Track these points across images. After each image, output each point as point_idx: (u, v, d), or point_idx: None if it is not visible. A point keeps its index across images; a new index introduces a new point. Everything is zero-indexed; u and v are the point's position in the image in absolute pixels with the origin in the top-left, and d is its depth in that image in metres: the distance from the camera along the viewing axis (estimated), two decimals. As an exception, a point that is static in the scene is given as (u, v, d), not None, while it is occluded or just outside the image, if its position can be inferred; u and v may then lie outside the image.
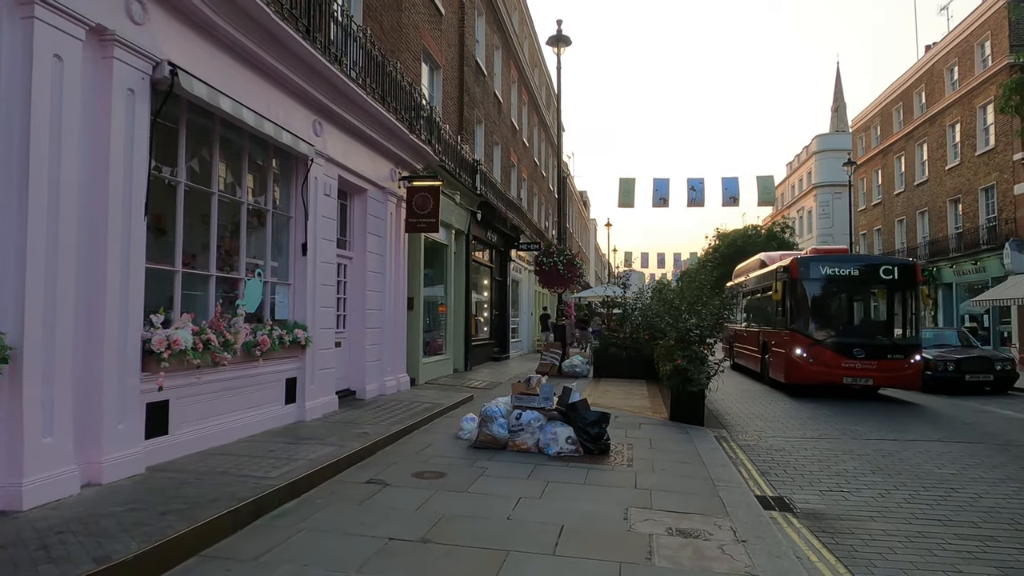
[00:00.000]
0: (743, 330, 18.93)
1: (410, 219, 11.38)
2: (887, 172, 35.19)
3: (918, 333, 13.75)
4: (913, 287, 13.71)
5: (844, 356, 12.97)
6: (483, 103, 18.92)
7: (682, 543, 4.44)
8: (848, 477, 6.83)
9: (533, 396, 7.58)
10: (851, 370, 12.93)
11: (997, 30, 24.98)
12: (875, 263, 14.22)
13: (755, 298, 17.76)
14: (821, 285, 13.79)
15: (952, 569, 4.32)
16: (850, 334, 13.63)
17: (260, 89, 7.09)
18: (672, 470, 6.56)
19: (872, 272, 13.90)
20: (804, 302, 13.72)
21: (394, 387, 11.03)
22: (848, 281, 13.89)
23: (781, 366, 13.96)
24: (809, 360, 13.20)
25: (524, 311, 25.96)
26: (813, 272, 13.70)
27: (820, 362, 13.09)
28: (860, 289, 14.38)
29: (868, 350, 13.01)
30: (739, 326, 19.53)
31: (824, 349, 13.14)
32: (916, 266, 14.02)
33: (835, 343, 13.20)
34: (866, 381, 12.92)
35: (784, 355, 13.80)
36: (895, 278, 13.65)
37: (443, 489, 5.65)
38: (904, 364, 13.06)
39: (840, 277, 13.73)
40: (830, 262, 13.84)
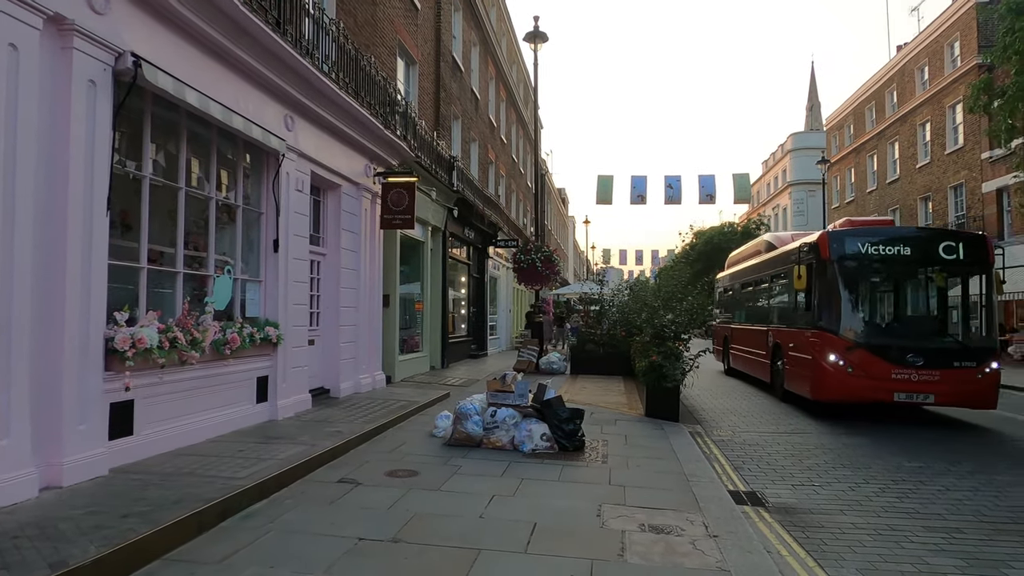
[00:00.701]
0: (743, 328, 15.80)
1: (385, 215, 11.27)
2: (860, 170, 35.73)
3: (992, 331, 10.32)
4: (984, 268, 10.27)
5: (896, 364, 9.50)
6: (460, 99, 18.82)
7: (654, 539, 4.43)
8: (820, 471, 6.89)
9: (508, 393, 7.55)
10: (905, 383, 9.44)
11: (966, 31, 25.45)
12: (933, 236, 10.65)
13: (760, 289, 14.59)
14: (861, 267, 10.36)
15: (919, 561, 4.37)
16: (903, 334, 10.36)
17: (229, 82, 6.94)
18: (646, 466, 6.56)
19: (929, 248, 10.29)
20: (838, 291, 10.16)
21: (369, 385, 10.92)
22: (898, 262, 10.30)
23: (805, 377, 10.55)
24: (847, 369, 9.70)
25: (502, 308, 25.93)
26: (850, 250, 10.21)
27: (863, 372, 9.60)
28: (913, 272, 10.82)
29: (928, 356, 9.53)
30: (737, 324, 16.58)
31: (868, 354, 9.66)
32: (987, 240, 10.55)
33: (883, 346, 9.76)
34: (925, 398, 9.47)
35: (810, 363, 10.34)
36: (960, 256, 10.15)
37: (416, 488, 5.59)
38: (976, 374, 9.60)
39: (887, 257, 10.20)
40: (873, 237, 10.33)
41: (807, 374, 10.47)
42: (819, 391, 10.12)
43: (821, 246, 10.49)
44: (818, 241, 10.65)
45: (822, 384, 10.04)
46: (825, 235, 10.62)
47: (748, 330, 15.10)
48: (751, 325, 14.89)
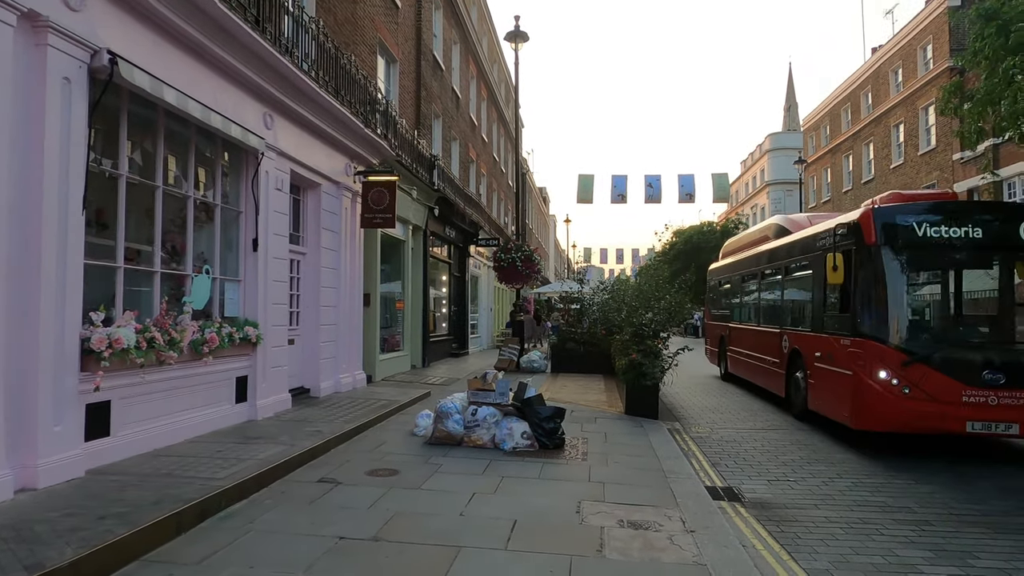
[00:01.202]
0: (746, 329, 13.49)
1: (366, 214, 11.24)
2: (836, 170, 36.26)
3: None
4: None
5: (969, 384, 7.20)
6: (441, 98, 18.80)
7: (633, 535, 4.50)
8: (795, 467, 7.02)
9: (489, 392, 7.58)
10: (982, 409, 7.16)
11: (938, 34, 25.94)
12: (1009, 213, 8.05)
13: (770, 282, 12.18)
14: (919, 254, 7.92)
15: (889, 553, 4.49)
16: (976, 343, 8.03)
17: (207, 80, 6.89)
18: (625, 463, 6.64)
19: (1005, 229, 7.78)
20: (888, 286, 7.69)
21: (350, 384, 10.89)
22: (967, 247, 7.80)
23: (841, 398, 8.10)
24: (903, 390, 7.35)
25: (483, 307, 25.95)
26: (904, 231, 7.76)
27: (925, 395, 7.28)
28: (987, 260, 8.21)
29: (1011, 371, 7.23)
30: (737, 323, 14.37)
31: (931, 370, 7.32)
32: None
33: (951, 360, 7.37)
34: (1007, 428, 7.17)
35: (849, 380, 7.87)
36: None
37: (396, 487, 5.61)
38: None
39: (954, 241, 7.71)
40: (934, 214, 7.82)
41: (844, 395, 8.01)
42: (864, 418, 7.61)
43: (865, 227, 7.92)
44: (860, 221, 8.03)
45: (868, 409, 7.54)
46: (870, 213, 7.96)
47: (753, 331, 12.72)
48: (757, 325, 12.54)
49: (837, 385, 8.30)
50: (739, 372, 13.98)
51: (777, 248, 11.79)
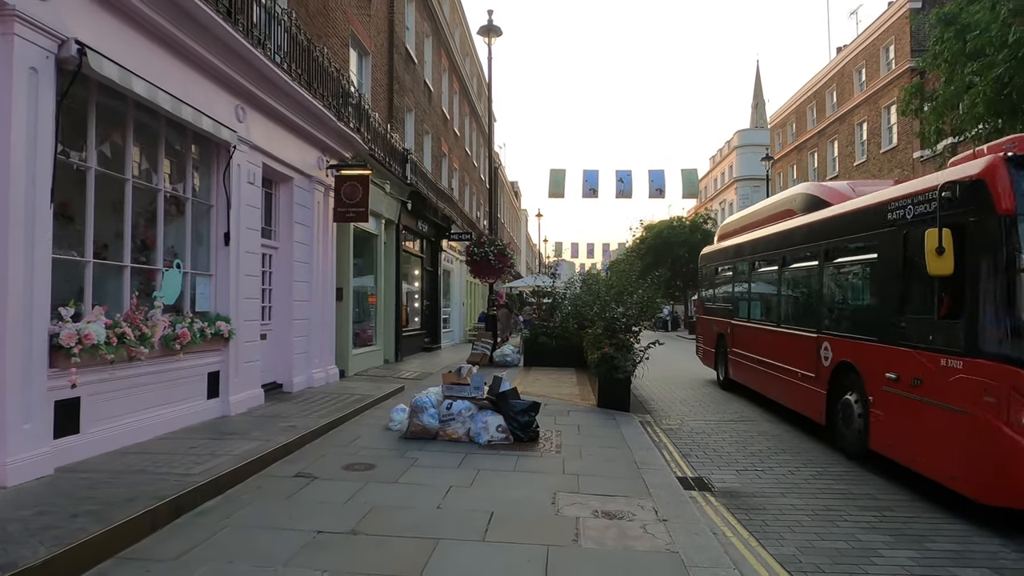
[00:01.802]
0: (761, 329, 10.66)
1: (339, 208, 11.17)
2: (802, 167, 37.00)
3: None
4: None
5: None
6: (413, 91, 18.71)
7: (607, 524, 4.60)
8: (762, 457, 7.22)
9: (464, 386, 7.63)
10: None
11: (900, 35, 26.62)
12: None
13: (798, 269, 9.39)
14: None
15: (852, 538, 4.67)
16: None
17: (178, 72, 6.78)
18: (599, 455, 6.76)
19: None
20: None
21: (323, 379, 10.84)
22: None
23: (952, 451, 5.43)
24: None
25: (455, 301, 25.94)
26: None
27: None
28: None
29: None
30: (745, 320, 11.64)
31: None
32: None
33: None
34: None
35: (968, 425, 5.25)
36: None
37: (373, 481, 5.63)
38: None
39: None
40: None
41: (952, 445, 5.41)
42: (999, 487, 4.94)
43: (994, 186, 5.27)
44: (985, 176, 5.35)
45: (1006, 474, 4.85)
46: (1002, 164, 5.29)
47: (771, 333, 9.98)
48: (777, 325, 9.84)
49: (934, 427, 5.64)
50: (746, 380, 11.35)
51: (812, 225, 8.74)
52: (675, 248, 43.32)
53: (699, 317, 15.44)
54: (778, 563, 4.21)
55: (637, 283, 14.35)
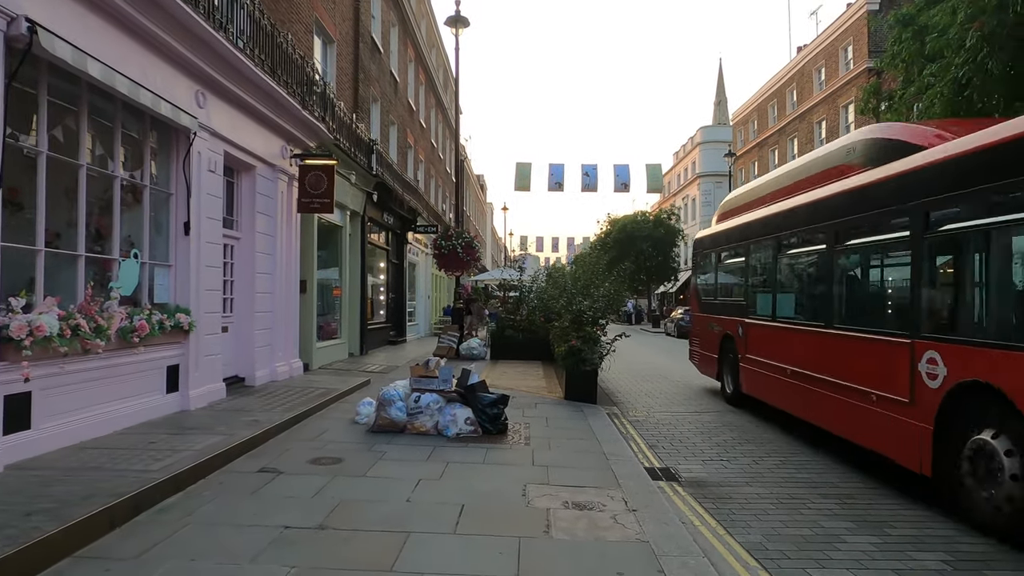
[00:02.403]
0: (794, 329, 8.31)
1: (303, 199, 10.95)
2: (763, 163, 37.72)
3: None
4: None
5: None
6: (379, 81, 18.45)
7: (578, 515, 4.62)
8: (727, 447, 7.34)
9: (432, 379, 7.56)
10: None
11: (858, 36, 27.30)
12: None
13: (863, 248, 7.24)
14: None
15: (815, 525, 4.78)
16: None
17: (136, 55, 6.54)
18: (567, 446, 6.78)
19: None
20: None
21: (286, 373, 10.64)
22: None
23: None
24: None
25: (421, 294, 25.76)
26: None
27: None
28: None
29: None
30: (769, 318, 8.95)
31: None
32: None
33: None
34: None
35: None
36: None
37: (340, 475, 5.55)
38: None
39: None
40: None
41: None
42: None
43: None
44: None
45: None
46: None
47: (820, 336, 7.43)
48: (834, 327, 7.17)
49: None
50: (769, 396, 8.73)
51: (902, 179, 6.05)
52: (639, 242, 43.80)
53: (694, 315, 12.51)
54: (746, 551, 4.27)
55: (604, 276, 14.45)
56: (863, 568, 4.01)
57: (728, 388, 10.25)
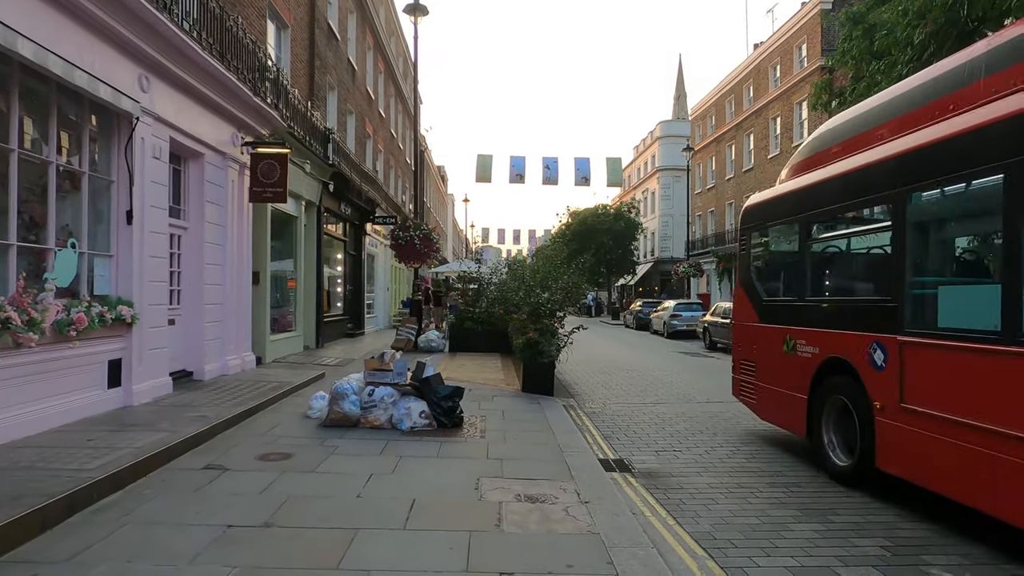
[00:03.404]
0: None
1: (255, 188, 10.66)
2: (720, 159, 38.36)
3: None
4: None
5: None
6: (336, 68, 18.08)
7: (530, 508, 4.60)
8: (680, 437, 7.43)
9: (386, 372, 7.46)
10: None
11: (812, 35, 27.89)
12: None
13: None
14: None
15: (763, 514, 4.86)
16: None
17: (72, 34, 6.23)
18: (522, 439, 6.76)
19: None
20: None
21: (238, 366, 10.37)
22: None
23: None
24: None
25: (380, 286, 25.46)
26: None
27: None
28: None
29: None
30: (967, 333, 4.42)
31: None
32: None
33: None
34: None
35: None
36: None
37: (290, 471, 5.42)
38: None
39: None
40: None
41: None
42: None
43: None
44: None
45: None
46: None
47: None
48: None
49: None
50: (969, 490, 4.36)
51: None
52: (599, 235, 44.16)
53: (743, 325, 7.92)
54: (694, 540, 4.32)
55: (562, 269, 14.48)
56: (806, 555, 4.10)
57: (837, 455, 5.89)
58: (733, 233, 35.16)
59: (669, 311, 25.86)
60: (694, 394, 10.55)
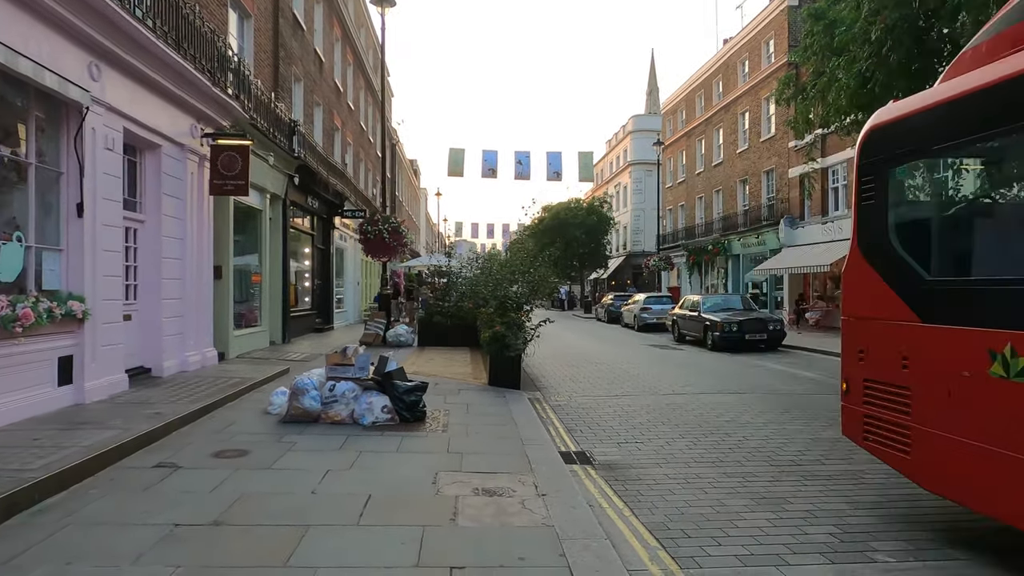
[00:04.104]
0: None
1: (215, 180, 10.44)
2: (690, 153, 38.68)
3: None
4: None
5: None
6: (302, 60, 17.79)
7: (486, 502, 4.58)
8: (642, 429, 7.48)
9: (348, 366, 7.38)
10: None
11: (779, 31, 28.21)
12: None
13: None
14: None
15: (718, 504, 4.90)
16: None
17: (16, 21, 6.02)
18: (485, 432, 6.75)
19: None
20: None
21: (198, 363, 10.18)
22: None
23: None
24: None
25: (349, 281, 25.20)
26: None
27: None
28: None
29: None
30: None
31: None
32: None
33: None
34: None
35: None
36: None
37: (244, 468, 5.33)
38: None
39: None
40: None
41: None
42: None
43: None
44: None
45: None
46: None
47: None
48: None
49: None
50: None
51: None
52: (571, 229, 44.26)
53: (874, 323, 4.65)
54: (648, 530, 4.34)
55: (529, 261, 14.45)
56: (756, 543, 4.14)
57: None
58: (704, 227, 35.54)
59: (639, 304, 26.03)
60: (660, 387, 10.63)
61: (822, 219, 24.39)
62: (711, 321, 17.04)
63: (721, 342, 16.42)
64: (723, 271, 33.39)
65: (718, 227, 33.33)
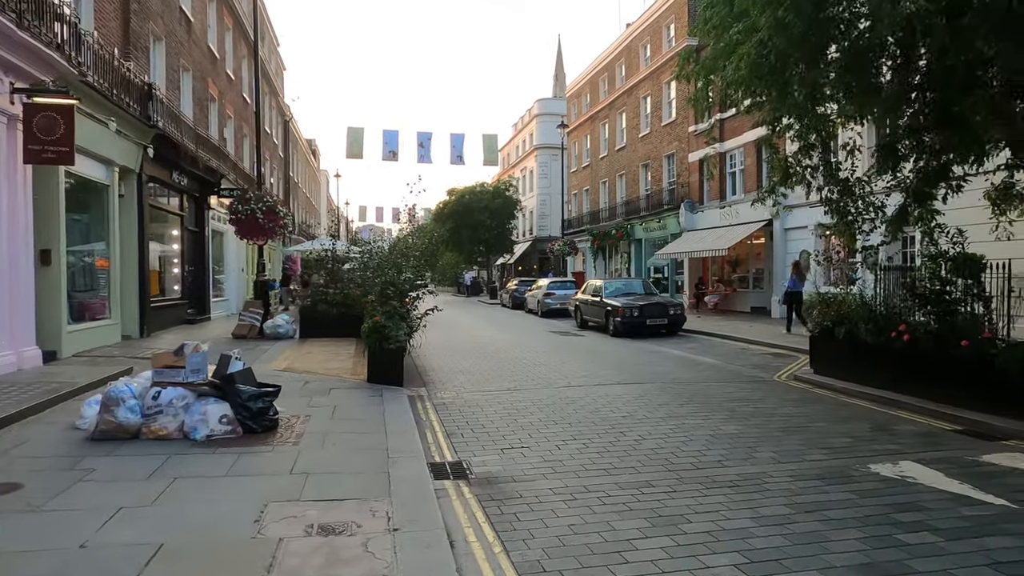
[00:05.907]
0: None
1: (31, 146, 8.67)
2: (595, 137, 38.54)
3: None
4: None
5: None
6: (163, 17, 15.73)
7: (318, 545, 3.59)
8: (531, 430, 6.66)
9: (179, 369, 6.12)
10: None
11: (680, 14, 28.25)
12: None
13: None
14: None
15: (606, 528, 4.12)
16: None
17: None
18: (345, 443, 5.73)
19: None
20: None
21: (13, 365, 8.49)
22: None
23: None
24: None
25: (231, 267, 23.11)
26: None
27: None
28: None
29: None
30: None
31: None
32: None
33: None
34: None
35: None
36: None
37: (5, 511, 4.06)
38: None
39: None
40: None
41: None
42: None
43: None
44: None
45: None
46: None
47: None
48: None
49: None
50: None
51: None
52: (477, 213, 43.34)
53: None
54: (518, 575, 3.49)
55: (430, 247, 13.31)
56: (649, 586, 3.38)
57: None
58: (607, 211, 35.52)
59: (543, 290, 25.49)
60: (556, 378, 9.90)
61: (720, 204, 24.65)
62: (612, 306, 16.61)
63: (622, 328, 16.01)
64: (627, 256, 33.48)
65: (621, 212, 33.34)
